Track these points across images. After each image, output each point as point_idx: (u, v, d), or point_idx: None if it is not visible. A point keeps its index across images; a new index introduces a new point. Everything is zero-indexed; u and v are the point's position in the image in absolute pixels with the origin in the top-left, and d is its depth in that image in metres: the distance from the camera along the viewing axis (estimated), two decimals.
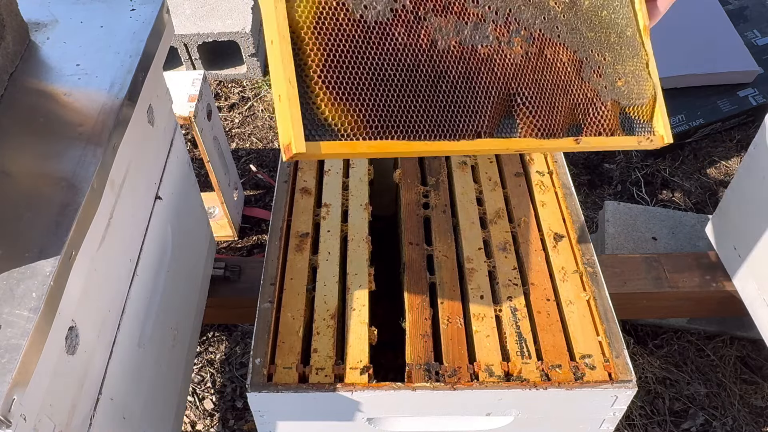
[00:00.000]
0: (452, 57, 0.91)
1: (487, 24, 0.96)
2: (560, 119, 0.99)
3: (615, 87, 1.06)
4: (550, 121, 0.97)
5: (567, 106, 1.00)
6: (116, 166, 1.04)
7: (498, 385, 1.08)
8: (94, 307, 1.04)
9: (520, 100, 0.96)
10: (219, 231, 2.19)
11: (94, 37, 1.17)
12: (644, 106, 1.07)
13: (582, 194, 2.40)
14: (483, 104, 0.92)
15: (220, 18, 2.77)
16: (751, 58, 2.50)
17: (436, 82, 0.89)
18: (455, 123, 0.89)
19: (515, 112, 0.95)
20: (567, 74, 1.01)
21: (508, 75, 0.95)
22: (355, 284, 1.23)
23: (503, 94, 0.94)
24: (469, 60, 0.93)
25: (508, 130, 0.94)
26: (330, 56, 0.81)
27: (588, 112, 1.02)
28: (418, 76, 0.87)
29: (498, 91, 0.94)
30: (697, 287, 1.72)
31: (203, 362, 1.99)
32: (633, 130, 1.05)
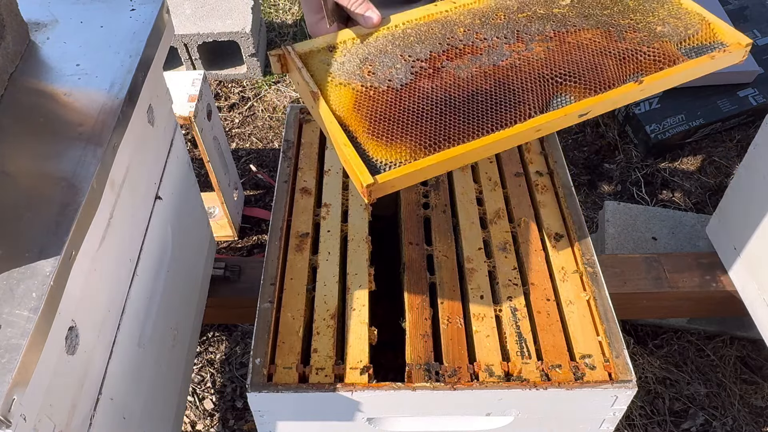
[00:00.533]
0: (478, 78, 0.97)
1: (500, 48, 1.01)
2: (610, 74, 0.98)
3: (656, 33, 1.05)
4: (599, 77, 0.98)
5: (612, 62, 0.99)
6: (116, 166, 1.04)
7: (498, 385, 1.08)
8: (94, 307, 1.04)
9: (559, 79, 0.97)
10: (219, 231, 2.19)
11: (94, 37, 1.17)
12: (699, 31, 1.05)
13: (582, 194, 2.40)
14: (524, 94, 0.95)
15: (220, 18, 2.77)
16: (751, 58, 2.50)
17: (472, 99, 0.95)
18: (503, 116, 0.93)
19: (561, 90, 0.97)
20: (598, 43, 1.02)
21: (538, 67, 0.98)
22: (355, 284, 1.23)
23: (540, 82, 0.97)
24: (495, 73, 0.98)
25: (561, 104, 0.96)
26: (371, 120, 0.92)
27: (638, 59, 1.00)
28: (454, 101, 0.95)
29: (534, 82, 0.96)
30: (697, 287, 1.72)
31: (203, 362, 1.99)
32: (702, 52, 1.03)
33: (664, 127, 2.46)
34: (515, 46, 1.01)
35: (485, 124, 0.91)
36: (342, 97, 0.95)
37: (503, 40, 1.02)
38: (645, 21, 1.06)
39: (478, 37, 1.03)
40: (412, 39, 1.04)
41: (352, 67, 1.00)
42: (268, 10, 3.23)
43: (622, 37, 1.03)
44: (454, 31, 1.05)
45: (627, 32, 1.04)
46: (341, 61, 1.01)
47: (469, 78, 0.97)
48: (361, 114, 0.93)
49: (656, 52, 1.00)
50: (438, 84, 0.96)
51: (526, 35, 1.02)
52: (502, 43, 1.02)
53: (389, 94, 0.95)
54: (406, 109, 0.93)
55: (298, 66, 1.00)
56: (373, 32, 1.05)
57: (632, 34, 1.03)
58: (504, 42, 1.02)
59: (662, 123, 2.46)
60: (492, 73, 0.97)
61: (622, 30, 1.04)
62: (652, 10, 1.08)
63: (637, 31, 1.04)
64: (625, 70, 0.99)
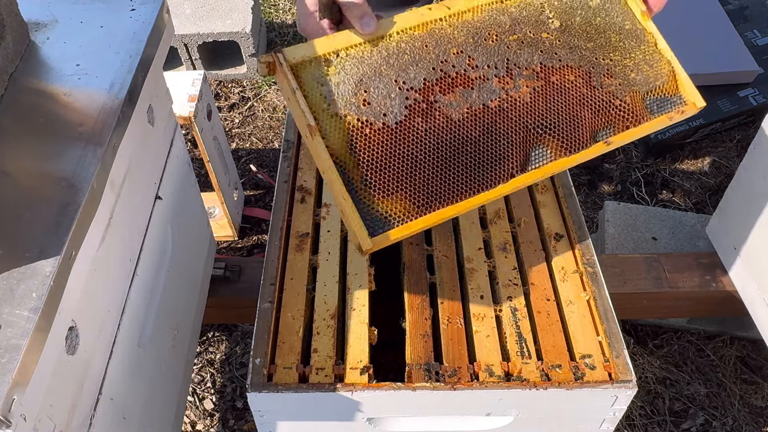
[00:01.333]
0: (468, 122, 1.03)
1: (490, 80, 1.06)
2: (584, 130, 1.07)
3: (629, 80, 1.12)
4: (575, 135, 1.06)
5: (588, 117, 1.08)
6: (116, 166, 1.04)
7: (498, 385, 1.08)
8: (94, 307, 1.04)
9: (540, 130, 1.05)
10: (219, 231, 2.19)
11: (94, 37, 1.17)
12: (665, 83, 1.13)
13: (582, 194, 2.40)
14: (507, 150, 1.03)
15: (220, 18, 2.77)
16: (751, 58, 2.50)
17: (461, 148, 1.02)
18: (488, 174, 1.02)
19: (540, 142, 1.05)
20: (578, 90, 1.09)
21: (522, 115, 1.06)
22: (355, 284, 1.23)
23: (523, 132, 1.05)
24: (483, 118, 1.04)
25: (539, 159, 1.05)
26: (367, 166, 0.97)
27: (609, 113, 1.09)
28: (445, 150, 1.01)
29: (517, 133, 1.05)
30: (697, 287, 1.72)
31: (203, 362, 1.99)
32: (663, 108, 1.12)
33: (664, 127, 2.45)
34: (504, 81, 1.06)
35: (473, 183, 1.01)
36: (338, 133, 0.97)
37: (494, 71, 1.06)
38: (622, 64, 1.12)
39: (471, 63, 1.06)
40: (406, 58, 1.04)
41: (347, 93, 1.00)
42: (268, 10, 3.23)
43: (600, 83, 1.10)
44: (448, 52, 1.06)
45: (605, 77, 1.11)
46: (336, 82, 1.00)
47: (459, 121, 1.02)
48: (357, 157, 0.97)
49: (626, 108, 1.10)
50: (431, 126, 1.01)
51: (515, 68, 1.07)
52: (493, 75, 1.06)
53: (384, 133, 0.99)
54: (401, 156, 0.99)
55: (291, 85, 0.98)
56: (367, 41, 1.03)
57: (608, 81, 1.11)
58: (494, 74, 1.06)
59: None
60: (481, 117, 1.04)
61: (601, 73, 1.11)
62: (630, 49, 1.13)
63: (613, 77, 1.11)
64: (597, 123, 1.08)
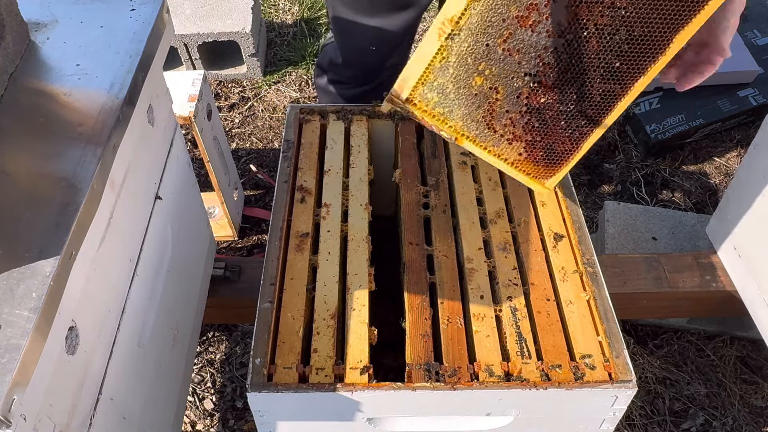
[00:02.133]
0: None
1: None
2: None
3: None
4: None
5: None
6: (116, 166, 1.04)
7: (498, 385, 1.08)
8: (94, 307, 1.04)
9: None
10: (219, 231, 2.19)
11: (94, 37, 1.17)
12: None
13: (582, 194, 2.40)
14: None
15: (220, 18, 2.77)
16: (751, 58, 2.50)
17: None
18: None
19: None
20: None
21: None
22: (355, 284, 1.23)
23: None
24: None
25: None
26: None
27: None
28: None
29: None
30: (697, 287, 1.72)
31: (203, 362, 1.99)
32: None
33: (664, 127, 2.46)
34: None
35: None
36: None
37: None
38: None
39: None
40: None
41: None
42: (268, 10, 3.24)
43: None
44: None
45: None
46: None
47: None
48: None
49: None
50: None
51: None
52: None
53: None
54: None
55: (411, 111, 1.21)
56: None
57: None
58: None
59: (662, 123, 2.46)
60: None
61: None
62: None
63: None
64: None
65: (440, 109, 1.18)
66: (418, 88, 1.16)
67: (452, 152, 1.48)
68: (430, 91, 1.16)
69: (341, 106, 1.57)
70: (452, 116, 1.19)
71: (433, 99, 1.17)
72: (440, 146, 1.49)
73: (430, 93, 1.16)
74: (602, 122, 1.17)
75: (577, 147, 1.22)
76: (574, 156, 1.24)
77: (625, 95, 1.13)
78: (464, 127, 1.21)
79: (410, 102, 1.17)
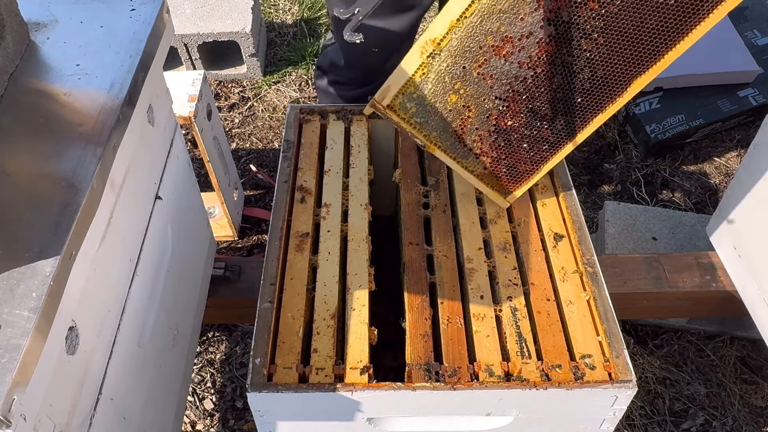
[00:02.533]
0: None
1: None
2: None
3: None
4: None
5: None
6: (116, 166, 1.04)
7: (498, 385, 1.08)
8: (94, 307, 1.04)
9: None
10: (219, 231, 2.19)
11: (94, 37, 1.17)
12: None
13: (582, 194, 2.40)
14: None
15: (220, 18, 2.77)
16: (751, 58, 2.50)
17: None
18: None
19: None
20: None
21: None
22: (355, 284, 1.23)
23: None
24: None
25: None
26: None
27: None
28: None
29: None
30: (697, 287, 1.72)
31: (203, 362, 1.99)
32: None
33: (664, 127, 2.45)
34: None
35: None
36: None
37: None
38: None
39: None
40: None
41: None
42: (268, 10, 3.24)
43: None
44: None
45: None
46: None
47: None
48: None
49: None
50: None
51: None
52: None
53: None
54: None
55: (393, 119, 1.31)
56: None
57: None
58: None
59: (662, 123, 2.46)
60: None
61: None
62: None
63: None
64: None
65: (417, 118, 1.27)
66: (398, 98, 1.25)
67: None
68: (409, 101, 1.25)
69: (341, 106, 1.57)
70: (427, 126, 1.28)
71: (411, 109, 1.26)
72: None
73: (409, 103, 1.25)
74: (561, 149, 1.28)
75: (537, 168, 1.33)
76: (534, 176, 1.34)
77: (584, 128, 1.23)
78: (437, 138, 1.30)
79: (390, 109, 1.26)
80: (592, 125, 1.22)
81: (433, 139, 1.30)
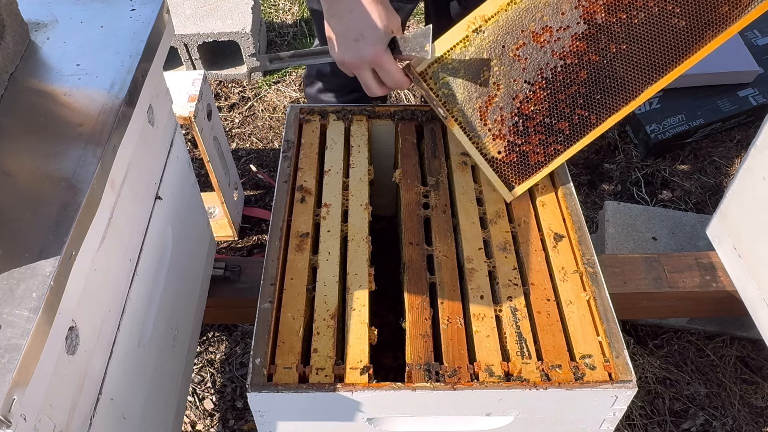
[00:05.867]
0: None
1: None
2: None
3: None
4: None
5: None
6: (116, 166, 1.04)
7: (498, 385, 1.08)
8: (94, 307, 1.04)
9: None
10: (219, 231, 2.19)
11: (94, 37, 1.17)
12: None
13: (582, 194, 2.40)
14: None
15: (220, 18, 2.77)
16: (751, 58, 2.50)
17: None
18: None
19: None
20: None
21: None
22: (355, 284, 1.23)
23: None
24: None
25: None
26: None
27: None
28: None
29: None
30: (697, 287, 1.72)
31: (203, 362, 1.99)
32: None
33: (664, 127, 2.46)
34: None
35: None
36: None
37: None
38: None
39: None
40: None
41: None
42: (268, 10, 3.24)
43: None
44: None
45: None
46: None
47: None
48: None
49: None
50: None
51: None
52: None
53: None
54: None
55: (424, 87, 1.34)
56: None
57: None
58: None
59: (662, 123, 2.46)
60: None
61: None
62: None
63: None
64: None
65: (445, 89, 1.32)
66: (433, 66, 1.30)
67: (452, 152, 1.48)
68: (443, 71, 1.30)
69: (341, 106, 1.57)
70: (453, 99, 1.33)
71: (443, 79, 1.31)
72: (440, 146, 1.49)
73: (443, 73, 1.31)
74: (572, 146, 1.35)
75: (546, 162, 1.37)
76: (543, 170, 1.37)
77: (597, 125, 1.32)
78: (459, 113, 1.34)
79: (423, 76, 1.31)
80: (605, 124, 1.32)
81: (455, 114, 1.34)
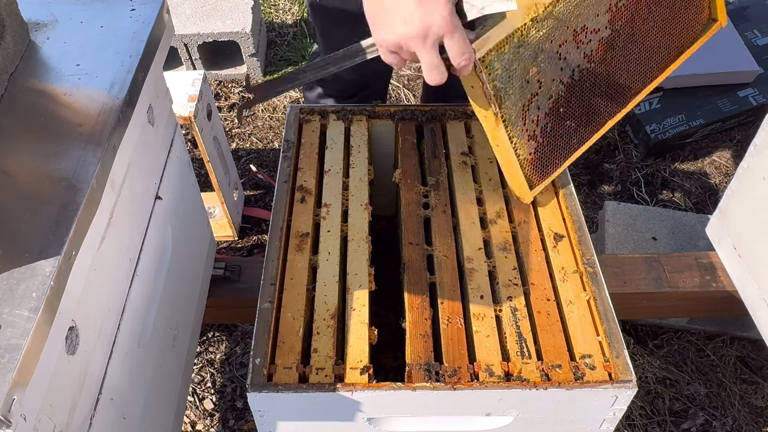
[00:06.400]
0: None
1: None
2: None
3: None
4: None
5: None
6: (116, 166, 1.04)
7: (498, 385, 1.08)
8: (94, 307, 1.04)
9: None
10: (219, 231, 2.19)
11: (94, 37, 1.17)
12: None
13: (582, 194, 2.40)
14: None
15: (220, 18, 2.77)
16: (751, 58, 2.50)
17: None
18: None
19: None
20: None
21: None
22: (355, 284, 1.23)
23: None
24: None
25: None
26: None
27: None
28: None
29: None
30: (697, 287, 1.72)
31: (203, 362, 1.99)
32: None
33: (664, 127, 2.46)
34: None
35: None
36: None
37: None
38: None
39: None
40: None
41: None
42: (268, 10, 3.24)
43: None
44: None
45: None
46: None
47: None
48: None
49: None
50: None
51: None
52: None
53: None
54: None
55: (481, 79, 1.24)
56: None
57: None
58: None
59: (662, 123, 2.46)
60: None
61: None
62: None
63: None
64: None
65: (498, 82, 1.22)
66: (491, 53, 1.18)
67: (452, 152, 1.48)
68: (498, 61, 1.20)
69: (341, 106, 1.57)
70: (504, 93, 1.24)
71: (497, 70, 1.20)
72: (440, 146, 1.49)
73: (497, 63, 1.20)
74: (583, 144, 1.39)
75: (561, 163, 1.38)
76: (557, 171, 1.39)
77: (599, 128, 1.39)
78: (507, 108, 1.25)
79: (483, 63, 1.18)
80: (605, 128, 1.38)
81: (504, 110, 1.24)
